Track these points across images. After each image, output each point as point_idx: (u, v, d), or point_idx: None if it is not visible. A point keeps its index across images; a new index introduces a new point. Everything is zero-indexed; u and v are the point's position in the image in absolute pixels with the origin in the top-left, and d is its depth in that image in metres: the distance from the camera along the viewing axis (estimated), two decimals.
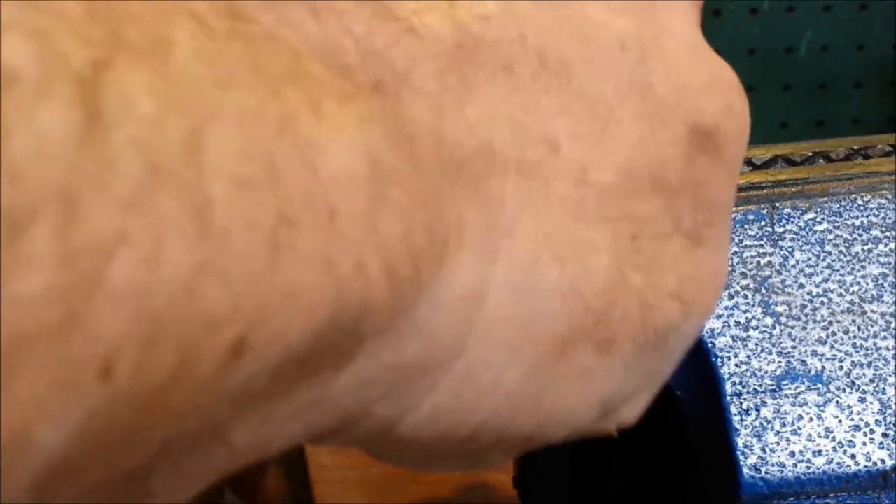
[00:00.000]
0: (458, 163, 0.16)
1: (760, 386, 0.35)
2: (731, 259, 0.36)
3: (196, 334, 0.11)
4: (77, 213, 0.10)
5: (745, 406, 0.35)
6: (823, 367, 0.35)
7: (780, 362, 0.35)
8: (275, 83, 0.13)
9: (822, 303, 0.36)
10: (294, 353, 0.13)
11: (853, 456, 0.34)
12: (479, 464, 0.20)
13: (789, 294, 0.36)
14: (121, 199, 0.11)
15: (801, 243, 0.36)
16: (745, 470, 0.34)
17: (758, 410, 0.35)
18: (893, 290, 0.36)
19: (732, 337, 0.35)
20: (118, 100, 0.11)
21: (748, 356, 0.35)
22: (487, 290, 0.16)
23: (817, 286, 0.36)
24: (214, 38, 0.13)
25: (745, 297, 0.36)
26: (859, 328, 0.36)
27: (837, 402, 0.35)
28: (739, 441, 0.34)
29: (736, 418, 0.34)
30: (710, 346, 0.35)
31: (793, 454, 0.34)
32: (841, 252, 0.36)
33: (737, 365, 0.35)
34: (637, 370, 0.20)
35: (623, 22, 0.19)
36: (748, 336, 0.35)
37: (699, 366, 0.36)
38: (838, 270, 0.36)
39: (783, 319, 0.36)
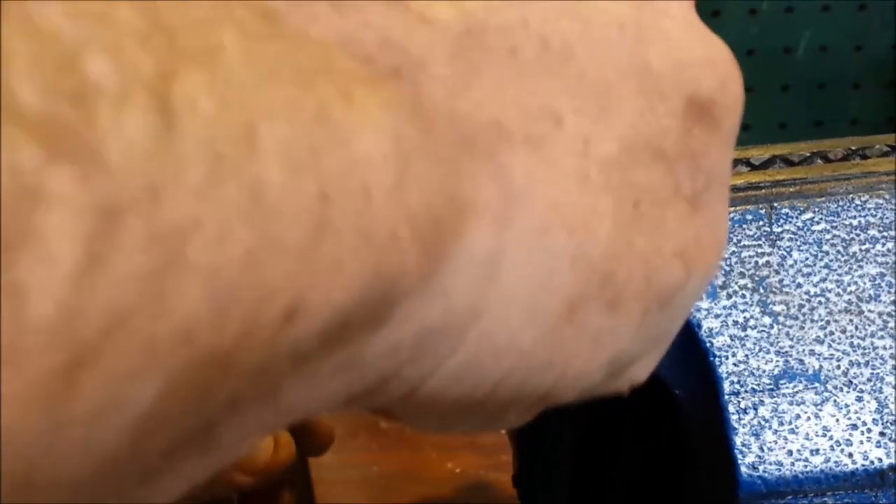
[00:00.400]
0: (470, 138, 0.17)
1: (758, 385, 0.35)
2: (730, 259, 0.36)
3: (257, 302, 0.13)
4: (160, 203, 0.12)
5: (742, 405, 0.35)
6: (821, 367, 0.35)
7: (777, 361, 0.35)
8: (309, 76, 0.14)
9: (820, 302, 0.36)
10: (338, 318, 0.14)
11: (851, 455, 0.34)
12: (497, 422, 0.21)
13: (787, 294, 0.36)
14: (194, 188, 0.12)
15: (799, 243, 0.37)
16: (743, 469, 0.34)
17: (756, 409, 0.35)
18: (891, 290, 0.36)
19: (730, 336, 0.35)
20: (185, 103, 0.12)
21: (746, 355, 0.35)
22: (503, 255, 0.17)
23: (815, 286, 0.36)
24: (256, 41, 0.14)
25: (744, 296, 0.36)
26: (857, 328, 0.36)
27: (835, 401, 0.35)
28: (737, 440, 0.34)
29: (734, 417, 0.35)
30: (708, 345, 0.35)
31: (790, 453, 0.34)
32: (839, 252, 0.36)
33: (735, 364, 0.35)
34: (644, 330, 0.21)
35: (621, 5, 0.20)
36: (746, 335, 0.35)
37: (697, 365, 0.36)
38: (836, 270, 0.36)
39: (781, 319, 0.36)
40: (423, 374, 0.18)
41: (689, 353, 0.36)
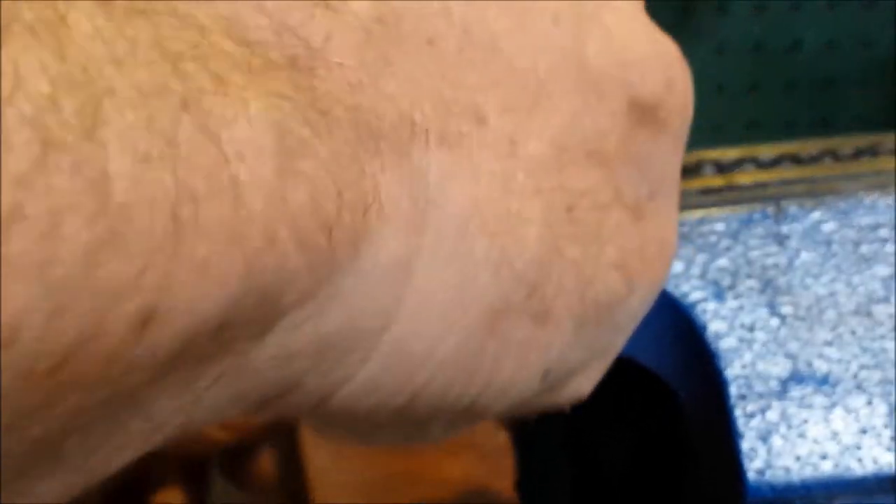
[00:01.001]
0: (376, 135, 0.16)
1: (766, 389, 0.35)
2: (737, 259, 0.36)
3: (100, 305, 0.12)
4: None
5: (750, 409, 0.34)
6: (830, 370, 0.35)
7: (785, 364, 0.35)
8: (177, 59, 0.13)
9: (829, 304, 0.36)
10: (207, 324, 0.13)
11: (860, 459, 0.34)
12: (421, 435, 0.20)
13: (795, 295, 0.36)
14: (15, 175, 0.11)
15: (807, 243, 0.36)
16: (751, 474, 0.34)
17: (763, 413, 0.34)
18: None
19: (737, 339, 0.35)
20: (10, 81, 0.11)
21: (753, 358, 0.35)
22: (416, 261, 0.17)
23: (824, 287, 0.36)
24: (113, 18, 0.13)
25: (751, 297, 0.36)
26: (867, 329, 0.35)
27: (844, 404, 0.35)
28: (744, 444, 0.34)
29: (741, 421, 0.34)
30: (714, 347, 0.35)
31: (798, 458, 0.34)
32: (848, 252, 0.36)
33: (742, 367, 0.35)
34: (580, 343, 0.20)
35: None
36: (753, 338, 0.35)
37: (704, 368, 0.35)
38: (845, 271, 0.36)
39: (789, 321, 0.35)
40: (334, 384, 0.17)
41: (696, 356, 0.36)
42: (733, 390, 0.35)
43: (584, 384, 0.22)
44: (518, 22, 0.18)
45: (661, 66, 0.20)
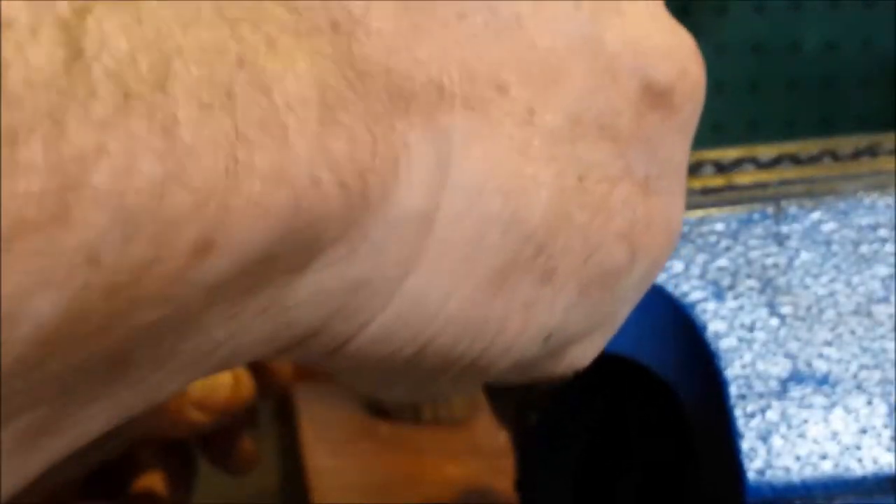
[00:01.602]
0: (407, 96, 0.17)
1: (766, 389, 0.35)
2: (736, 259, 0.36)
3: (166, 232, 0.14)
4: (63, 130, 0.13)
5: (749, 409, 0.34)
6: (830, 370, 0.35)
7: (785, 364, 0.35)
8: (234, 23, 0.15)
9: (829, 304, 0.36)
10: (258, 254, 0.15)
11: (860, 460, 0.34)
12: (429, 391, 0.21)
13: (795, 295, 0.36)
14: (100, 119, 0.13)
15: (807, 243, 0.36)
16: (751, 474, 0.34)
17: (763, 413, 0.34)
18: None
19: (737, 338, 0.35)
20: (97, 39, 0.13)
21: (753, 358, 0.35)
22: (436, 214, 0.18)
23: (824, 287, 0.36)
24: None
25: (751, 297, 0.36)
26: (867, 330, 0.35)
27: (844, 404, 0.35)
28: (744, 444, 0.34)
29: (741, 421, 0.34)
30: (714, 347, 0.35)
31: (798, 458, 0.34)
32: (848, 252, 0.36)
33: (742, 367, 0.35)
34: (582, 308, 0.21)
35: None
36: (753, 337, 0.35)
37: (703, 368, 0.35)
38: (845, 271, 0.36)
39: (789, 321, 0.35)
40: (352, 329, 0.18)
41: (695, 356, 0.36)
42: (733, 390, 0.35)
43: (584, 354, 0.23)
44: (540, 5, 0.19)
45: (676, 54, 0.21)
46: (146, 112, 0.13)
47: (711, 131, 1.02)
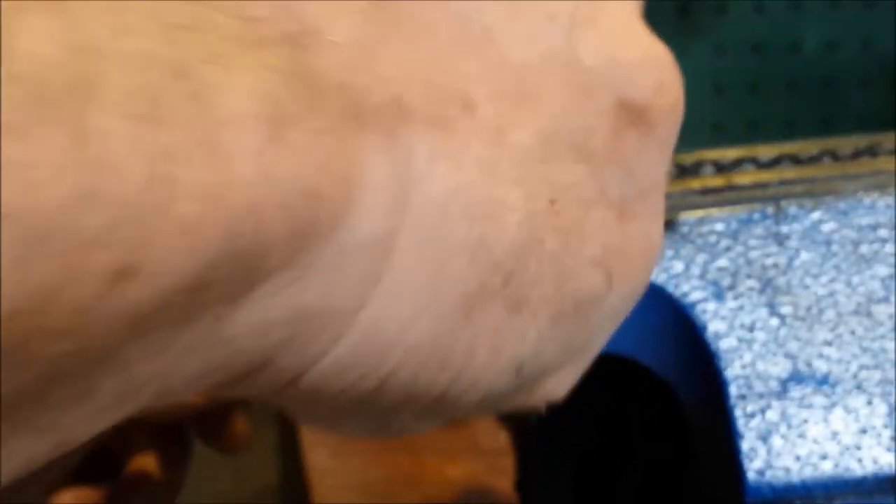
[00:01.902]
0: (365, 113, 0.16)
1: (766, 389, 0.35)
2: (736, 259, 0.36)
3: (76, 254, 0.12)
4: None
5: (750, 409, 0.34)
6: (830, 370, 0.35)
7: (785, 364, 0.35)
8: (175, 30, 0.14)
9: (829, 304, 0.36)
10: (186, 281, 0.14)
11: (860, 460, 0.34)
12: (391, 427, 0.20)
13: (795, 295, 0.36)
14: (11, 127, 0.12)
15: (807, 243, 0.36)
16: (751, 474, 0.34)
17: (763, 413, 0.34)
18: None
19: (737, 339, 0.35)
20: (21, 43, 0.12)
21: (753, 358, 0.35)
22: (395, 240, 0.17)
23: (824, 287, 0.36)
24: None
25: (751, 297, 0.36)
26: (866, 329, 0.35)
27: (844, 404, 0.35)
28: (744, 445, 0.34)
29: (741, 422, 0.34)
30: (714, 347, 0.35)
31: (798, 458, 0.34)
32: (848, 252, 0.36)
33: (742, 367, 0.35)
34: (555, 338, 0.20)
35: None
36: (753, 338, 0.35)
37: (703, 368, 0.35)
38: (845, 271, 0.36)
39: (789, 321, 0.35)
40: (304, 362, 0.17)
41: (695, 356, 0.36)
42: (733, 390, 0.35)
43: (558, 386, 0.22)
44: (513, 17, 0.19)
45: (652, 69, 0.20)
46: (61, 121, 0.12)
47: (711, 131, 1.02)
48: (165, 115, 0.13)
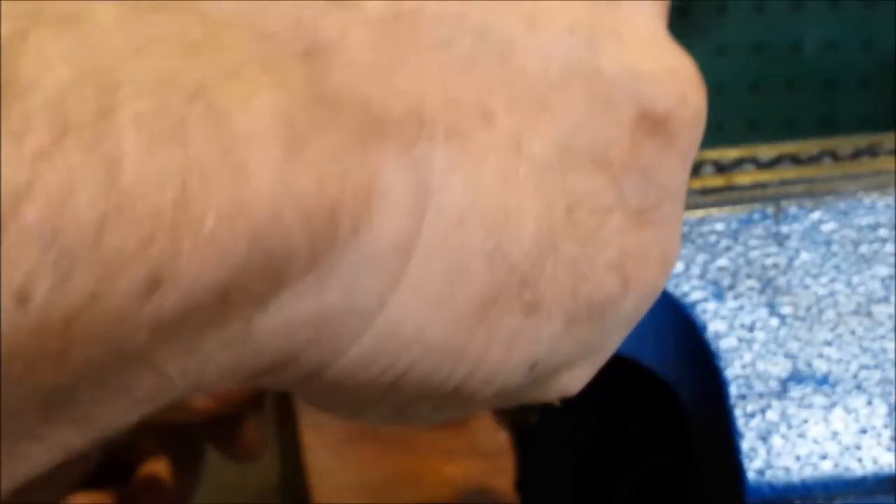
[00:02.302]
0: (384, 126, 0.17)
1: (766, 388, 0.35)
2: (737, 259, 0.36)
3: (108, 270, 0.13)
4: None
5: (750, 409, 0.34)
6: (830, 370, 0.35)
7: (785, 364, 0.35)
8: (193, 48, 0.15)
9: (829, 304, 0.36)
10: (212, 290, 0.15)
11: (860, 459, 0.34)
12: (409, 417, 0.21)
13: (795, 295, 0.36)
14: (33, 151, 0.13)
15: (807, 243, 0.36)
16: (751, 474, 0.34)
17: (763, 413, 0.34)
18: None
19: (737, 338, 0.35)
20: (35, 66, 0.13)
21: (753, 358, 0.35)
22: (414, 245, 0.17)
23: (824, 287, 0.36)
24: (137, 10, 0.14)
25: (751, 297, 0.36)
26: (866, 329, 0.35)
27: (844, 404, 0.35)
28: (744, 444, 0.34)
29: (741, 421, 0.34)
30: (714, 347, 0.35)
31: (798, 458, 0.34)
32: (848, 252, 0.36)
33: (742, 367, 0.35)
34: (570, 339, 0.20)
35: (577, 9, 0.20)
36: (753, 337, 0.35)
37: (704, 368, 0.35)
38: (845, 271, 0.36)
39: (789, 321, 0.35)
40: (327, 358, 0.18)
41: (695, 356, 0.36)
42: (733, 390, 0.35)
43: (572, 381, 0.22)
44: (533, 28, 0.19)
45: (675, 80, 0.20)
46: (87, 144, 0.13)
47: (711, 131, 1.02)
48: (185, 134, 0.14)
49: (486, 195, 0.18)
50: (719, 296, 0.36)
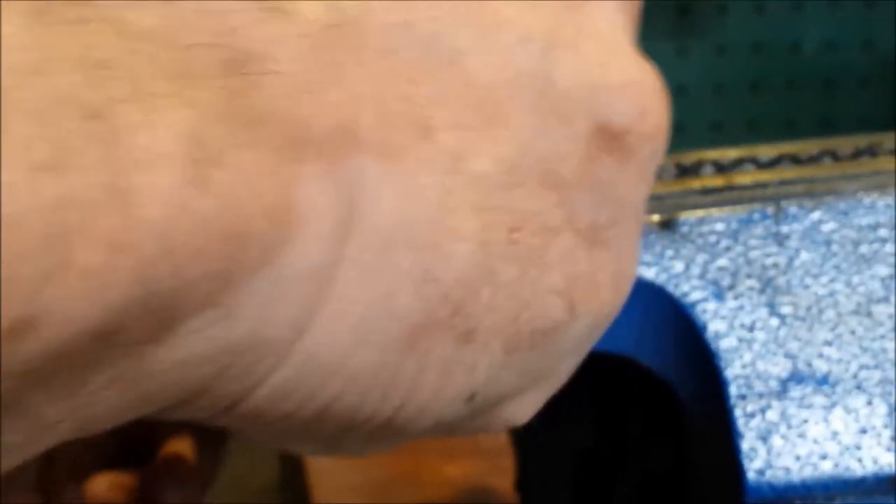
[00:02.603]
0: (310, 142, 0.16)
1: (766, 388, 0.35)
2: (736, 259, 0.36)
3: None
4: None
5: (750, 409, 0.34)
6: (830, 370, 0.35)
7: (785, 364, 0.35)
8: (98, 69, 0.13)
9: (829, 304, 0.36)
10: (93, 328, 0.13)
11: (860, 459, 0.34)
12: (344, 448, 0.20)
13: (795, 295, 0.36)
14: None
15: (807, 243, 0.36)
16: (751, 474, 0.34)
17: (763, 413, 0.34)
18: None
19: (737, 338, 0.35)
20: None
21: (753, 358, 0.35)
22: (336, 270, 0.16)
23: (824, 287, 0.36)
24: (48, 23, 0.13)
25: (751, 297, 0.36)
26: (866, 329, 0.35)
27: (844, 404, 0.35)
28: (744, 444, 0.34)
29: (741, 421, 0.34)
30: (714, 347, 0.35)
31: (798, 458, 0.34)
32: (848, 252, 0.36)
33: (742, 367, 0.35)
34: (512, 368, 0.19)
35: (533, 18, 0.19)
36: (753, 337, 0.35)
37: (703, 368, 0.35)
38: (845, 271, 0.36)
39: (789, 321, 0.35)
40: (241, 390, 0.17)
41: (695, 356, 0.36)
42: (733, 390, 0.35)
43: (519, 411, 0.21)
44: (484, 39, 0.18)
45: (635, 93, 0.20)
46: None
47: (711, 131, 1.02)
48: (69, 160, 0.13)
49: (416, 217, 0.17)
50: (719, 296, 0.36)
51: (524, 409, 0.21)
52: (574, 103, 0.19)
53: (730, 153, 0.40)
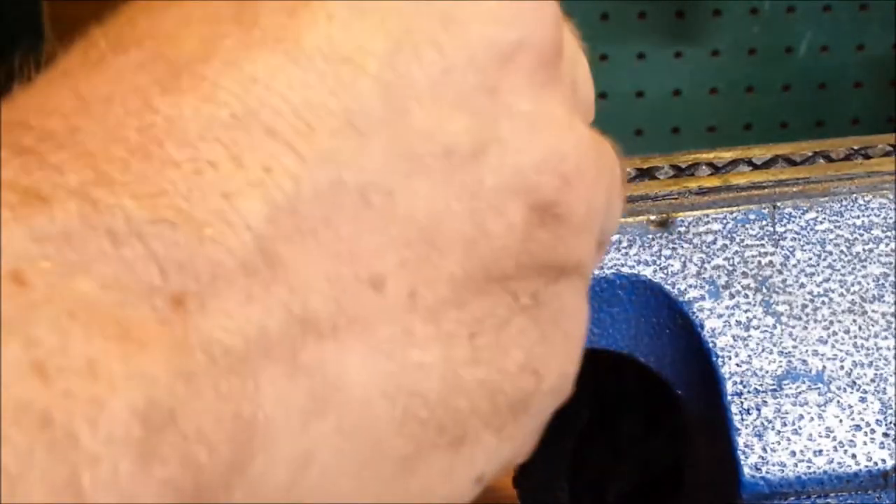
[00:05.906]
0: (262, 351, 0.16)
1: (761, 385, 0.35)
2: (732, 259, 0.36)
3: None
4: None
5: (745, 406, 0.35)
6: (824, 367, 0.35)
7: (780, 362, 0.35)
8: (43, 363, 0.13)
9: (823, 302, 0.36)
10: None
11: (854, 456, 0.34)
12: None
13: (790, 293, 0.36)
14: None
15: (802, 243, 0.36)
16: (746, 470, 0.34)
17: (758, 410, 0.35)
18: (894, 290, 0.36)
19: (733, 336, 0.35)
20: None
21: (749, 356, 0.35)
22: (315, 448, 0.17)
23: (818, 286, 0.36)
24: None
25: (746, 296, 0.36)
26: (860, 328, 0.36)
27: (838, 401, 0.35)
28: (740, 441, 0.34)
29: (736, 418, 0.34)
30: (710, 345, 0.35)
31: (793, 454, 0.34)
32: (842, 252, 0.36)
33: (737, 364, 0.35)
34: (506, 443, 0.20)
35: (453, 123, 0.19)
36: (749, 335, 0.35)
37: (699, 365, 0.36)
38: (839, 270, 0.36)
39: (784, 319, 0.36)
40: None
41: (691, 354, 0.36)
42: (729, 387, 0.35)
43: (521, 457, 0.22)
44: (411, 170, 0.18)
45: (553, 164, 0.20)
46: None
47: (707, 133, 1.03)
48: (29, 473, 0.13)
49: (384, 368, 0.18)
50: (715, 294, 0.36)
51: (521, 457, 0.22)
52: (504, 194, 0.19)
53: (725, 154, 0.40)
